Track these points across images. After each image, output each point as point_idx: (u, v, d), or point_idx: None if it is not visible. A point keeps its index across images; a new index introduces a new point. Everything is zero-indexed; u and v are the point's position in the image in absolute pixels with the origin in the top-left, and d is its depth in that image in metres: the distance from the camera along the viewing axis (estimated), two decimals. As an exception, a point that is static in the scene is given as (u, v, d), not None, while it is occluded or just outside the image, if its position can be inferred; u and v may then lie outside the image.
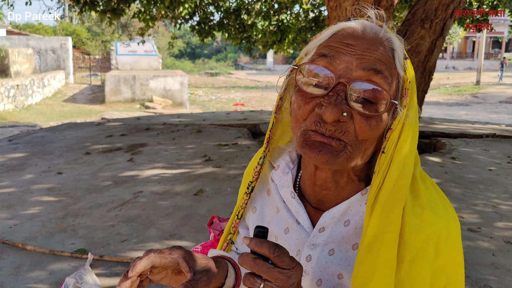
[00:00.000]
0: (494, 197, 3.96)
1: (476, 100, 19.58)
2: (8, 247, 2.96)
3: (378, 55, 0.73)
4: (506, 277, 2.60)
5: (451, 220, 0.76)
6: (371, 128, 0.72)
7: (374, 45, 0.73)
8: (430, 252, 0.73)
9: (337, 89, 0.72)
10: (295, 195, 0.87)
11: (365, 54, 0.72)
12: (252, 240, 0.67)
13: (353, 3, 4.15)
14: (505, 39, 37.32)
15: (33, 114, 14.19)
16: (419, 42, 4.53)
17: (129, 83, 18.00)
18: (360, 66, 0.71)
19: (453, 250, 0.75)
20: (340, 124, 0.72)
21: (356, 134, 0.73)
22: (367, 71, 0.71)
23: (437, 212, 0.75)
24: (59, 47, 22.41)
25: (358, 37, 0.74)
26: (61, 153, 5.49)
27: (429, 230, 0.73)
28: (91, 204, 3.75)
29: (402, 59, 0.76)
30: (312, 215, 0.87)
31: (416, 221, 0.73)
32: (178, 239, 3.06)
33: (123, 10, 6.94)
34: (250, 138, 6.31)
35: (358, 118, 0.72)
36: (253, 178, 0.94)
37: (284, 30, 8.06)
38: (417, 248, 0.73)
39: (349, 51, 0.73)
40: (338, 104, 0.70)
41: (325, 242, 0.83)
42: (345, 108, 0.71)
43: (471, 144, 6.08)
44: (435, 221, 0.74)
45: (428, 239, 0.73)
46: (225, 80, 31.35)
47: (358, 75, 0.72)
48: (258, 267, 0.66)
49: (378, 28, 0.76)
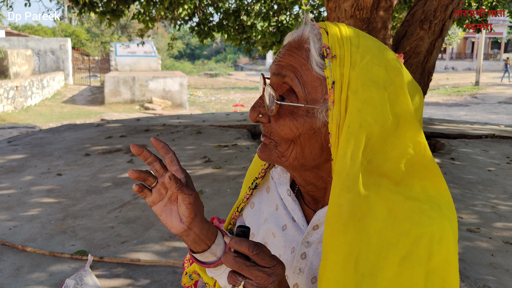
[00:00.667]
0: (493, 198, 3.97)
1: (475, 100, 19.60)
2: (8, 249, 2.96)
3: (289, 59, 0.77)
4: (505, 277, 2.60)
5: (445, 221, 0.74)
6: (280, 128, 0.77)
7: (291, 50, 0.78)
8: (422, 254, 0.71)
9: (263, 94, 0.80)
10: (291, 193, 0.90)
11: (281, 60, 0.78)
12: (233, 239, 0.69)
13: (352, 4, 4.16)
14: (504, 40, 37.36)
15: (33, 116, 14.19)
16: (418, 43, 4.54)
17: (129, 84, 18.00)
18: (273, 72, 0.79)
19: (448, 253, 0.74)
20: (266, 125, 0.80)
21: (276, 133, 0.78)
22: (276, 76, 0.78)
23: (429, 214, 0.73)
24: (58, 48, 22.42)
25: (286, 44, 0.80)
26: (60, 155, 5.50)
27: (419, 232, 0.72)
28: (91, 206, 3.75)
29: (319, 59, 0.75)
30: (308, 213, 0.89)
31: (406, 224, 0.72)
32: (178, 240, 3.06)
33: (122, 11, 6.95)
34: (250, 139, 6.31)
35: (271, 119, 0.79)
36: (259, 175, 0.97)
37: (284, 31, 8.07)
38: (406, 251, 0.71)
39: (276, 59, 0.80)
40: (256, 107, 0.80)
41: (319, 240, 0.84)
42: (262, 110, 0.79)
43: (470, 145, 6.09)
44: (427, 223, 0.73)
45: (418, 241, 0.71)
46: (225, 81, 31.36)
47: (273, 80, 0.79)
48: (239, 265, 0.68)
49: (304, 30, 0.79)
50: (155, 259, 2.78)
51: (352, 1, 4.13)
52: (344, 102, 0.74)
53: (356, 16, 4.14)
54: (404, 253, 0.71)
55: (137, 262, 2.75)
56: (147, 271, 2.67)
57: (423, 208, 0.74)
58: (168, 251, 2.91)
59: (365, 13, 4.15)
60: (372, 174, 0.73)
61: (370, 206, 0.71)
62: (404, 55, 4.51)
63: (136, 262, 2.75)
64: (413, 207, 0.73)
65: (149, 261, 2.75)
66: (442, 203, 0.77)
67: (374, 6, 4.13)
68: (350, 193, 0.71)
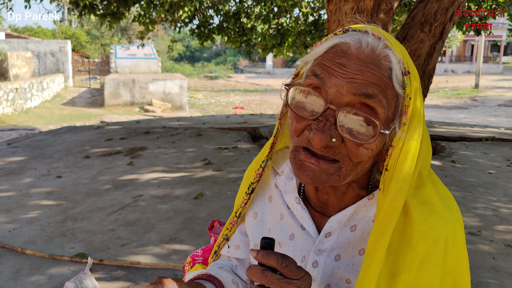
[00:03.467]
0: (494, 200, 3.96)
1: (475, 103, 19.61)
2: (7, 252, 2.95)
3: (370, 77, 0.69)
4: (507, 280, 2.59)
5: (456, 223, 0.76)
6: (363, 152, 0.71)
7: (367, 66, 0.69)
8: (438, 256, 0.73)
9: (327, 114, 0.70)
10: (300, 201, 0.87)
11: (356, 77, 0.69)
12: (259, 252, 0.67)
13: (353, 7, 4.16)
14: (503, 43, 37.39)
15: (32, 118, 14.18)
16: (419, 46, 4.53)
17: (129, 87, 18.00)
18: (351, 91, 0.69)
19: (459, 253, 0.75)
20: (335, 148, 0.71)
21: (350, 157, 0.72)
22: (358, 96, 0.69)
23: (443, 216, 0.75)
24: (58, 51, 22.43)
25: (352, 55, 0.70)
26: (60, 157, 5.49)
27: (436, 235, 0.73)
28: (91, 208, 3.74)
29: (400, 76, 0.71)
30: (316, 220, 0.87)
31: (423, 227, 0.73)
32: (178, 243, 3.05)
33: (123, 13, 6.95)
34: (250, 141, 6.31)
35: (349, 143, 0.71)
36: (254, 180, 0.93)
37: (284, 34, 8.07)
38: (424, 254, 0.72)
39: (341, 73, 0.70)
40: (326, 131, 0.69)
41: (331, 247, 0.82)
42: (335, 134, 0.70)
43: (470, 148, 6.09)
44: (441, 225, 0.74)
45: (435, 244, 0.73)
46: (225, 83, 31.37)
47: (348, 100, 0.69)
48: (268, 279, 0.66)
49: (376, 43, 0.72)
50: (155, 262, 2.77)
51: (353, 3, 4.13)
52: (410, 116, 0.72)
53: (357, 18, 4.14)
54: (423, 256, 0.72)
55: (137, 265, 2.74)
56: (147, 274, 2.66)
57: (436, 210, 0.75)
58: (168, 254, 2.90)
59: (365, 16, 4.13)
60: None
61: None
62: (404, 58, 4.51)
63: (136, 265, 2.74)
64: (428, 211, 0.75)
65: (149, 264, 2.74)
66: (450, 203, 0.79)
67: (374, 9, 4.13)
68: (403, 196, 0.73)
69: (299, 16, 8.53)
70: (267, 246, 0.70)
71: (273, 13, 8.21)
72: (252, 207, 0.97)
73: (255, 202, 0.97)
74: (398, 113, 0.73)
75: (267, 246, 0.70)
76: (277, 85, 27.30)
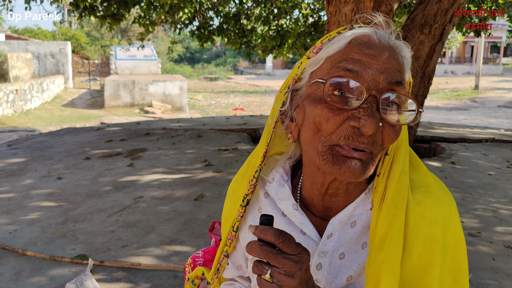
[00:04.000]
0: (494, 202, 3.97)
1: (475, 104, 19.62)
2: (8, 253, 2.95)
3: (397, 65, 0.75)
4: (506, 281, 2.60)
5: (450, 202, 0.80)
6: (396, 136, 0.75)
7: (392, 55, 0.75)
8: (438, 235, 0.75)
9: (369, 101, 0.72)
10: (298, 207, 0.87)
11: (387, 66, 0.73)
12: (257, 228, 0.69)
13: (353, 9, 4.17)
14: (503, 44, 37.42)
15: (32, 119, 14.18)
16: (418, 47, 4.55)
17: (129, 88, 18.01)
18: (386, 79, 0.73)
19: (456, 231, 0.77)
20: (373, 136, 0.73)
21: (383, 142, 0.74)
22: (392, 84, 0.73)
23: (438, 196, 0.78)
24: (58, 52, 22.45)
25: (377, 46, 0.75)
26: (60, 158, 5.49)
27: (433, 215, 0.76)
28: (91, 209, 3.75)
29: (410, 65, 0.79)
30: (315, 225, 0.87)
31: (419, 208, 0.76)
32: (178, 244, 3.06)
33: (123, 15, 6.96)
34: (250, 143, 6.31)
35: (386, 127, 0.73)
36: (248, 191, 0.92)
37: (284, 35, 8.08)
38: (424, 234, 0.75)
39: (373, 63, 0.73)
40: (376, 116, 0.71)
41: (334, 247, 0.83)
42: (379, 119, 0.72)
43: (470, 149, 6.09)
44: (437, 204, 0.77)
45: (434, 223, 0.75)
46: (225, 84, 31.38)
47: (383, 86, 0.73)
48: (265, 254, 0.68)
49: (388, 35, 0.78)
50: (155, 263, 2.78)
51: (353, 5, 4.14)
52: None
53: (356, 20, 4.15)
54: (424, 236, 0.75)
55: (138, 266, 2.74)
56: (148, 275, 2.66)
57: (431, 191, 0.79)
58: (168, 255, 2.91)
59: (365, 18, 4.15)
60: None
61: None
62: (404, 59, 4.53)
63: (136, 266, 2.74)
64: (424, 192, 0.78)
65: (150, 265, 2.75)
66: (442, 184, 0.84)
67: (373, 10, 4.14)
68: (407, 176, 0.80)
69: (299, 17, 8.55)
70: (266, 222, 0.70)
71: (273, 14, 8.23)
72: (245, 221, 0.96)
73: (247, 216, 0.96)
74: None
75: (266, 222, 0.70)
76: (277, 86, 27.28)
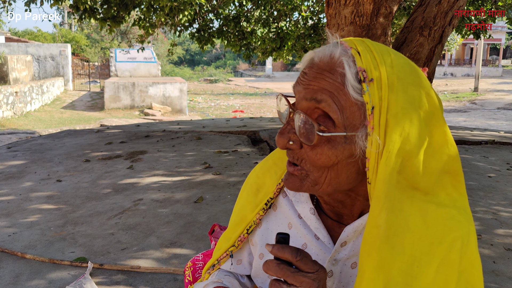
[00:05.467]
0: (494, 204, 3.97)
1: (475, 106, 19.64)
2: (7, 256, 2.95)
3: (323, 83, 0.71)
4: (507, 284, 2.59)
5: (470, 225, 0.76)
6: (318, 157, 0.72)
7: (322, 73, 0.72)
8: (455, 258, 0.73)
9: (290, 118, 0.75)
10: (315, 211, 0.86)
11: (311, 83, 0.72)
12: (275, 246, 0.69)
13: (352, 11, 4.17)
14: (502, 46, 37.47)
15: (32, 121, 14.18)
16: (418, 50, 4.54)
17: (129, 90, 18.02)
18: (305, 96, 0.73)
19: (472, 255, 0.75)
20: (295, 152, 0.75)
21: (311, 162, 0.73)
22: (309, 101, 0.72)
23: (458, 219, 0.75)
24: (58, 54, 22.46)
25: (313, 64, 0.74)
26: (60, 161, 5.49)
27: (451, 238, 0.73)
28: (91, 212, 3.74)
29: (356, 83, 0.70)
30: (331, 229, 0.86)
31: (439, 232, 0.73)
32: (178, 247, 3.05)
33: (123, 17, 6.96)
34: (250, 145, 6.31)
35: (304, 147, 0.73)
36: (274, 195, 0.92)
37: (283, 37, 8.08)
38: (441, 257, 0.72)
39: (302, 81, 0.74)
40: (285, 133, 0.74)
41: (347, 256, 0.83)
42: (293, 137, 0.74)
43: (470, 151, 6.09)
44: (457, 227, 0.74)
45: (451, 247, 0.73)
46: (224, 87, 31.40)
47: (303, 105, 0.73)
48: (283, 272, 0.68)
49: (335, 51, 0.73)
50: (155, 266, 2.77)
51: (352, 7, 4.14)
52: (383, 126, 0.70)
53: (356, 22, 4.15)
54: (440, 260, 0.72)
55: (137, 269, 2.74)
56: (147, 278, 2.66)
57: (452, 213, 0.75)
58: (168, 258, 2.90)
59: (365, 20, 4.16)
60: (406, 189, 0.73)
61: (406, 219, 0.71)
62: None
63: (136, 269, 2.74)
64: (443, 214, 0.74)
65: (150, 268, 2.74)
66: (466, 205, 0.78)
67: (374, 13, 4.14)
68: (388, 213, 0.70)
69: (298, 20, 8.55)
70: (282, 240, 0.71)
71: (272, 17, 8.23)
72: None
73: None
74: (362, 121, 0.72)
75: (282, 240, 0.71)
76: (276, 88, 27.31)
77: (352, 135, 0.71)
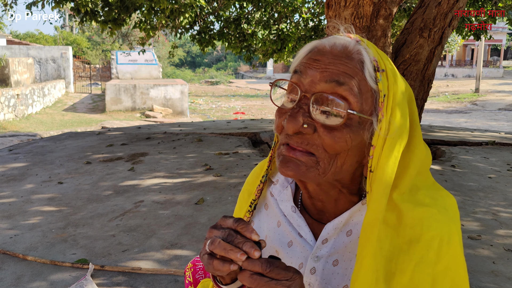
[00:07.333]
0: (494, 205, 3.97)
1: (475, 107, 19.63)
2: (8, 258, 2.96)
3: (342, 67, 0.74)
4: (506, 285, 2.60)
5: (451, 224, 0.77)
6: (336, 141, 0.73)
7: (340, 59, 0.74)
8: (431, 257, 0.74)
9: (302, 102, 0.74)
10: (296, 209, 0.89)
11: (329, 67, 0.74)
12: (245, 261, 0.70)
13: (352, 13, 4.18)
14: (503, 47, 37.44)
15: (34, 124, 14.21)
16: (418, 51, 4.55)
17: (130, 92, 18.05)
18: (323, 79, 0.73)
19: (455, 253, 0.76)
20: (306, 137, 0.74)
21: (324, 147, 0.74)
22: (329, 83, 0.73)
23: (437, 218, 0.76)
24: (59, 57, 22.51)
25: (325, 52, 0.76)
26: (61, 163, 5.50)
27: (429, 236, 0.74)
28: (92, 214, 3.75)
29: (372, 71, 0.75)
30: (313, 227, 0.88)
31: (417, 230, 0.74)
32: (179, 249, 3.06)
33: (124, 20, 6.99)
34: (251, 146, 6.32)
35: (321, 130, 0.73)
36: (255, 196, 0.95)
37: (284, 39, 8.10)
38: (419, 256, 0.73)
39: (315, 66, 0.75)
40: (297, 116, 0.73)
41: (328, 253, 0.84)
42: (307, 120, 0.73)
43: (470, 152, 6.09)
44: (436, 226, 0.75)
45: (429, 245, 0.74)
46: (225, 88, 31.43)
47: (321, 87, 0.74)
48: (257, 282, 0.69)
49: (348, 41, 0.77)
50: (156, 268, 2.78)
51: (352, 9, 4.16)
52: (389, 115, 0.74)
53: (356, 24, 4.17)
54: (418, 259, 0.74)
55: (138, 271, 2.75)
56: (148, 279, 2.67)
57: (431, 212, 0.76)
58: (169, 259, 2.91)
59: (365, 22, 4.17)
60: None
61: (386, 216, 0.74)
62: (404, 63, 4.53)
63: (137, 271, 2.75)
64: (422, 213, 0.76)
65: (150, 270, 2.75)
66: (448, 204, 0.80)
67: (374, 15, 4.16)
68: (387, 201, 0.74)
69: (299, 21, 8.57)
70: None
71: (273, 18, 8.25)
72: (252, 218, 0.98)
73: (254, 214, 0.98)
74: (375, 108, 0.75)
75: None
76: (277, 90, 27.17)
77: (366, 120, 0.75)
